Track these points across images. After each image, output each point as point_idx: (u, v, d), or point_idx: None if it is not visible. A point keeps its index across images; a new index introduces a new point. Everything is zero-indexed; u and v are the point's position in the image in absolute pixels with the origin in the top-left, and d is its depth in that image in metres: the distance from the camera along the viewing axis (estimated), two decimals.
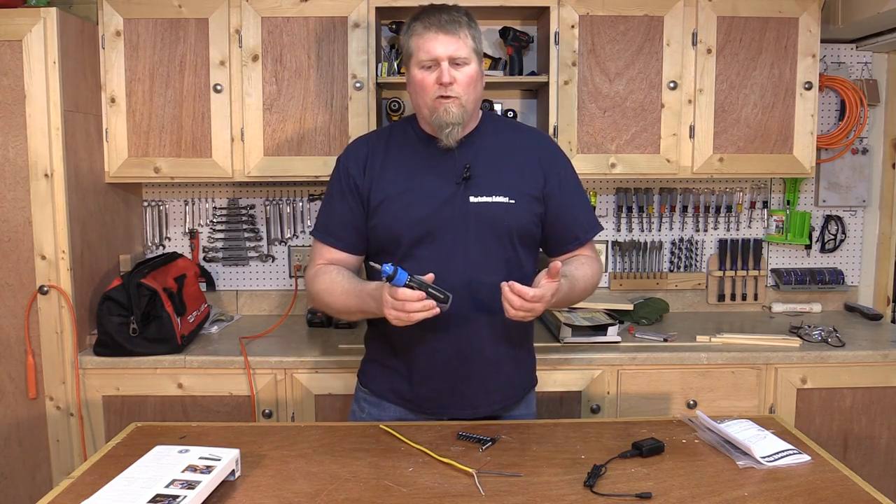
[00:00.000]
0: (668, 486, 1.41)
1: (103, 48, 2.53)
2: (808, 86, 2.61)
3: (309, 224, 2.94)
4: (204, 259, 2.96)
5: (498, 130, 1.83)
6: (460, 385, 1.77)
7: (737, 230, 3.00)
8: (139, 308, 2.34)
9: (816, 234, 3.02)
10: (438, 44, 1.66)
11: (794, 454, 1.53)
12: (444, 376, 1.76)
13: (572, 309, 2.64)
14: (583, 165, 2.54)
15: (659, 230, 2.99)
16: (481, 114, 1.83)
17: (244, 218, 2.95)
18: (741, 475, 1.46)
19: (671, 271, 3.00)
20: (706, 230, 3.00)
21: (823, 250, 3.03)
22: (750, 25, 2.58)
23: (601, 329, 2.49)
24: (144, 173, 2.59)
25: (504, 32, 2.73)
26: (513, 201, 1.74)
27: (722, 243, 2.98)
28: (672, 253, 3.00)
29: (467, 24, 1.69)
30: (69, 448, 2.40)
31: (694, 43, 2.58)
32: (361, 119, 2.56)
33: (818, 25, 2.59)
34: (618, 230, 2.99)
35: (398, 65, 2.64)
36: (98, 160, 2.55)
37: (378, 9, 2.53)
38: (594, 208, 2.90)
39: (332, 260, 1.81)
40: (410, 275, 1.53)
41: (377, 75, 2.57)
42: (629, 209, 2.96)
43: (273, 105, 2.57)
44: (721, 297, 2.99)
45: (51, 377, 2.37)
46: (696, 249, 3.00)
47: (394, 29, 2.72)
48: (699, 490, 1.39)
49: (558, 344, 2.48)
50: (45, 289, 2.34)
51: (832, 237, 3.02)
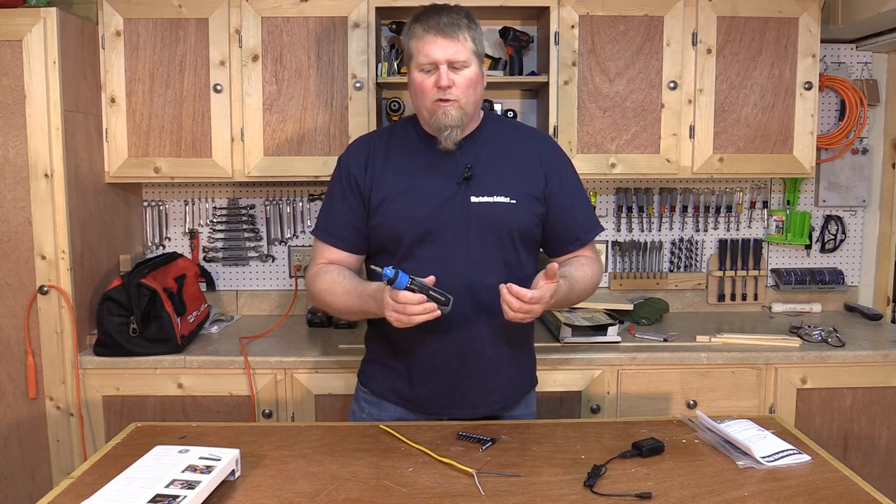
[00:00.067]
0: (668, 486, 1.41)
1: (103, 48, 2.53)
2: (808, 86, 2.61)
3: (309, 224, 2.94)
4: (204, 259, 2.96)
5: (499, 131, 1.82)
6: (460, 385, 1.77)
7: (737, 230, 3.00)
8: (139, 308, 2.34)
9: (816, 234, 3.02)
10: (437, 47, 1.66)
11: (794, 454, 1.53)
12: (444, 376, 1.76)
13: (572, 309, 2.64)
14: (583, 165, 2.54)
15: (659, 230, 2.99)
16: (482, 114, 1.83)
17: (244, 218, 2.95)
18: (741, 475, 1.46)
19: (671, 271, 3.00)
20: (706, 230, 3.00)
21: (823, 250, 3.03)
22: (750, 25, 2.58)
23: (601, 329, 2.49)
24: (144, 173, 2.59)
25: (504, 32, 2.73)
26: (514, 201, 1.74)
27: (722, 243, 2.98)
28: (672, 253, 3.00)
29: (467, 26, 1.68)
30: (69, 448, 2.40)
31: (694, 43, 2.58)
32: (361, 119, 2.56)
33: (818, 25, 2.59)
34: (618, 230, 2.99)
35: (398, 65, 2.64)
36: (98, 160, 2.55)
37: (378, 9, 2.53)
38: (594, 208, 2.90)
39: (333, 259, 1.81)
40: (411, 277, 1.53)
41: (377, 75, 2.57)
42: (629, 209, 2.96)
43: (273, 105, 2.57)
44: (721, 297, 2.99)
45: (51, 377, 2.37)
46: (696, 249, 3.00)
47: (394, 29, 2.71)
48: (699, 490, 1.39)
49: (558, 344, 2.48)
50: (45, 289, 2.34)
51: (832, 237, 3.02)
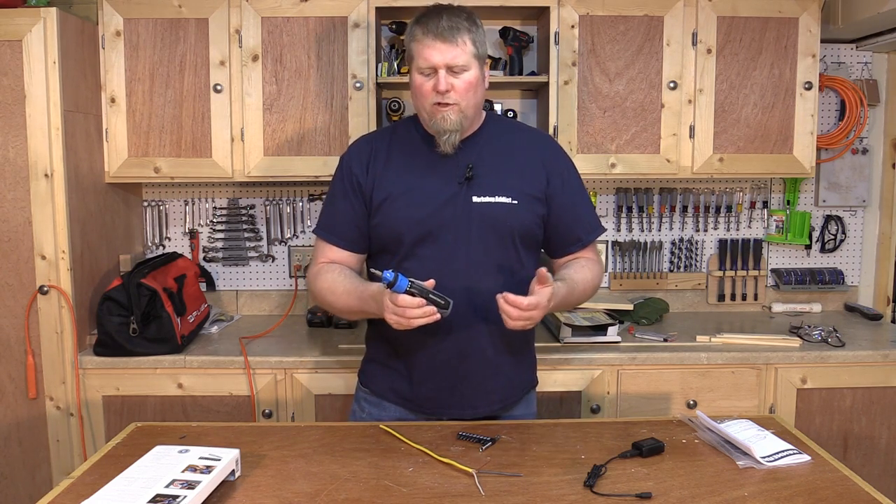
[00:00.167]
0: (668, 486, 1.41)
1: (103, 48, 2.53)
2: (808, 86, 2.61)
3: (309, 224, 2.94)
4: (204, 259, 2.96)
5: (501, 131, 1.82)
6: (460, 385, 1.77)
7: (737, 230, 3.00)
8: (139, 308, 2.34)
9: (816, 234, 3.02)
10: (436, 52, 1.65)
11: (794, 454, 1.53)
12: (444, 376, 1.76)
13: (572, 309, 2.64)
14: (583, 165, 2.53)
15: (659, 230, 2.99)
16: (484, 115, 1.83)
17: (244, 218, 2.95)
18: (741, 475, 1.46)
19: (671, 271, 3.00)
20: (706, 230, 3.00)
21: (823, 250, 3.03)
22: (750, 25, 2.58)
23: (601, 329, 2.49)
24: (144, 173, 2.59)
25: (504, 32, 2.73)
26: (515, 202, 1.73)
27: (722, 243, 2.98)
28: (672, 253, 3.00)
29: (467, 29, 1.67)
30: (69, 448, 2.40)
31: (694, 43, 2.58)
32: (361, 119, 2.56)
33: (818, 25, 2.59)
34: (618, 230, 2.99)
35: (398, 65, 2.64)
36: (98, 160, 2.55)
37: (378, 9, 2.53)
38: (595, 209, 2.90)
39: (335, 258, 1.81)
40: (411, 281, 1.52)
41: (377, 75, 2.57)
42: (629, 209, 2.96)
43: (273, 105, 2.57)
44: (721, 297, 2.99)
45: (51, 377, 2.37)
46: (696, 249, 3.00)
47: (394, 29, 2.71)
48: (699, 490, 1.39)
49: (558, 344, 2.48)
50: (45, 289, 2.34)
51: (832, 237, 3.02)
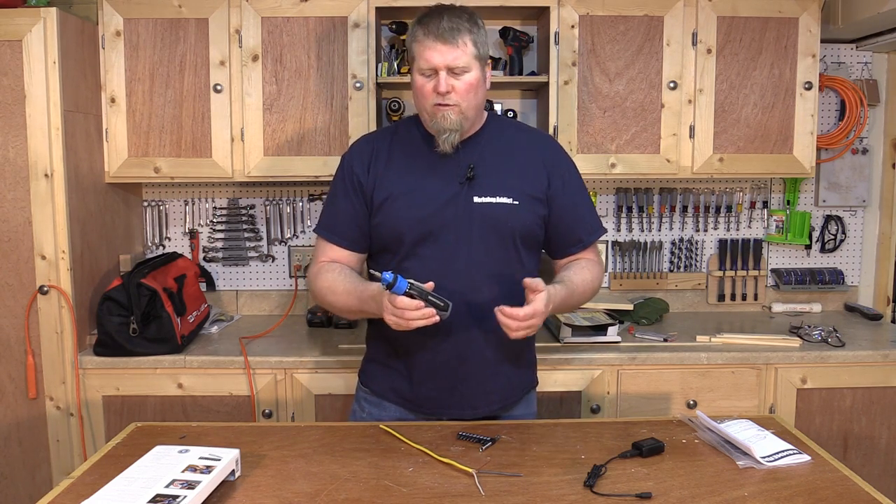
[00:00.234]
0: (668, 486, 1.41)
1: (103, 48, 2.53)
2: (808, 86, 2.61)
3: (309, 224, 2.94)
4: (204, 259, 2.96)
5: (502, 131, 1.82)
6: (460, 385, 1.77)
7: (737, 230, 3.00)
8: (139, 308, 2.34)
9: (816, 234, 3.02)
10: (436, 53, 1.65)
11: (794, 454, 1.53)
12: (444, 376, 1.76)
13: (573, 309, 2.64)
14: (583, 165, 2.52)
15: (659, 230, 2.99)
16: (486, 115, 1.83)
17: (244, 218, 2.95)
18: (741, 475, 1.46)
19: (671, 271, 3.00)
20: (706, 230, 3.00)
21: (823, 250, 3.03)
22: (750, 25, 2.58)
23: (601, 329, 2.49)
24: (144, 173, 2.59)
25: (504, 32, 2.73)
26: (516, 202, 1.73)
27: (722, 243, 2.98)
28: (672, 253, 3.00)
29: (468, 30, 1.67)
30: (69, 448, 2.40)
31: (694, 43, 2.58)
32: (361, 119, 2.56)
33: (818, 25, 2.59)
34: (618, 230, 2.99)
35: (398, 65, 2.64)
36: (98, 160, 2.55)
37: (378, 9, 2.53)
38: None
39: (335, 258, 1.81)
40: (410, 283, 1.52)
41: (377, 75, 2.57)
42: (629, 209, 2.96)
43: (273, 105, 2.57)
44: (721, 297, 2.99)
45: (51, 377, 2.37)
46: (696, 249, 3.00)
47: (394, 29, 2.71)
48: (699, 490, 1.39)
49: (558, 344, 2.48)
50: (45, 289, 2.34)
51: (832, 237, 3.02)
